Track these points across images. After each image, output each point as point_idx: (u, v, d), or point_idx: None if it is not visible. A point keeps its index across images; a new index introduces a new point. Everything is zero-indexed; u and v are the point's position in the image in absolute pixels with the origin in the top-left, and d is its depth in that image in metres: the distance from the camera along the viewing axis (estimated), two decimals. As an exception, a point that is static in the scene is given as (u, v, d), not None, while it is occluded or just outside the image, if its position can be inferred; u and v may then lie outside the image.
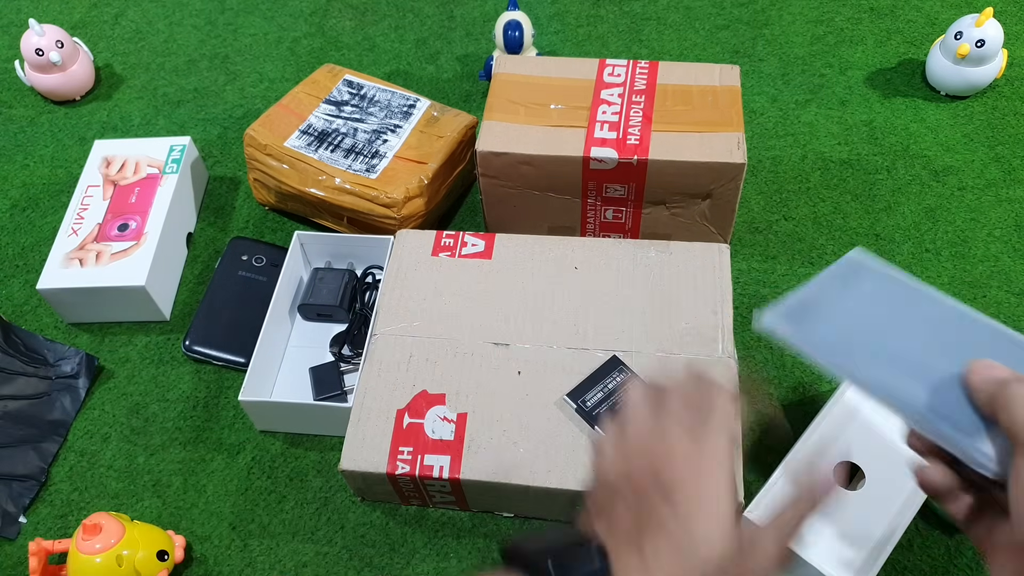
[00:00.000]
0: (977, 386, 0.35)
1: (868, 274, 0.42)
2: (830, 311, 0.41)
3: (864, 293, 0.42)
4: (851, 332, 0.40)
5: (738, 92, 0.71)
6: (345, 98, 0.81)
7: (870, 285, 0.42)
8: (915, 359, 0.38)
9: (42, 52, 0.90)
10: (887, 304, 0.41)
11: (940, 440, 0.35)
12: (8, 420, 0.69)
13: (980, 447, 0.34)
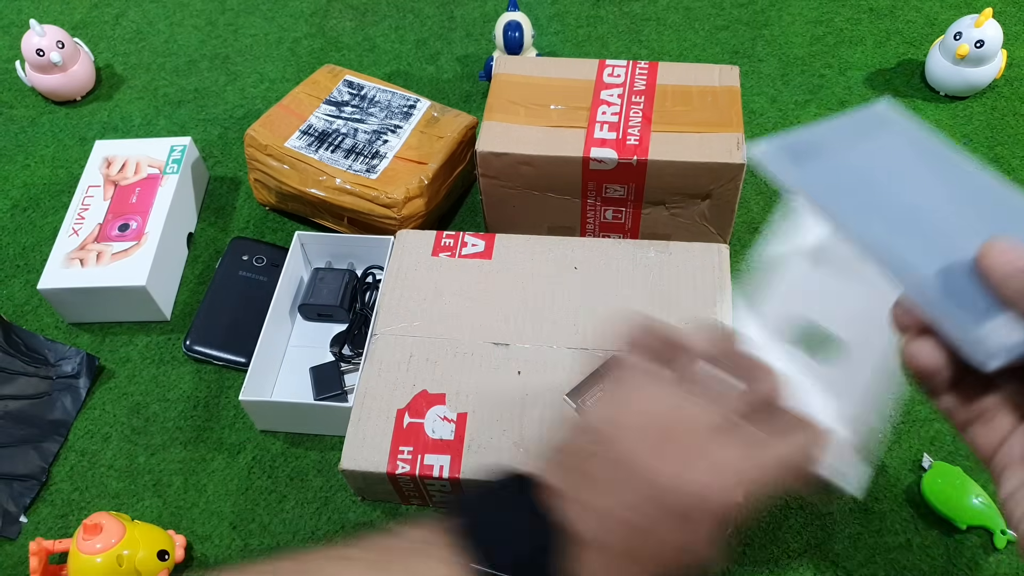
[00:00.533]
0: (1001, 272, 0.29)
1: (893, 128, 0.37)
2: (837, 155, 0.35)
3: (882, 146, 0.36)
4: (856, 181, 0.35)
5: (738, 92, 0.71)
6: (345, 98, 0.81)
7: (892, 139, 0.36)
8: (927, 222, 0.33)
9: (43, 52, 0.90)
10: (906, 160, 0.35)
11: (938, 320, 0.30)
12: (9, 420, 0.69)
13: (984, 335, 0.29)
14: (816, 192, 0.35)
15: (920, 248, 0.32)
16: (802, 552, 0.59)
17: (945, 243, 0.32)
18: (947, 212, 0.33)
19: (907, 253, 0.32)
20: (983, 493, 0.58)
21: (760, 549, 0.59)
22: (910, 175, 0.35)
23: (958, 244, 0.31)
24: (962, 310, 0.30)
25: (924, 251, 0.32)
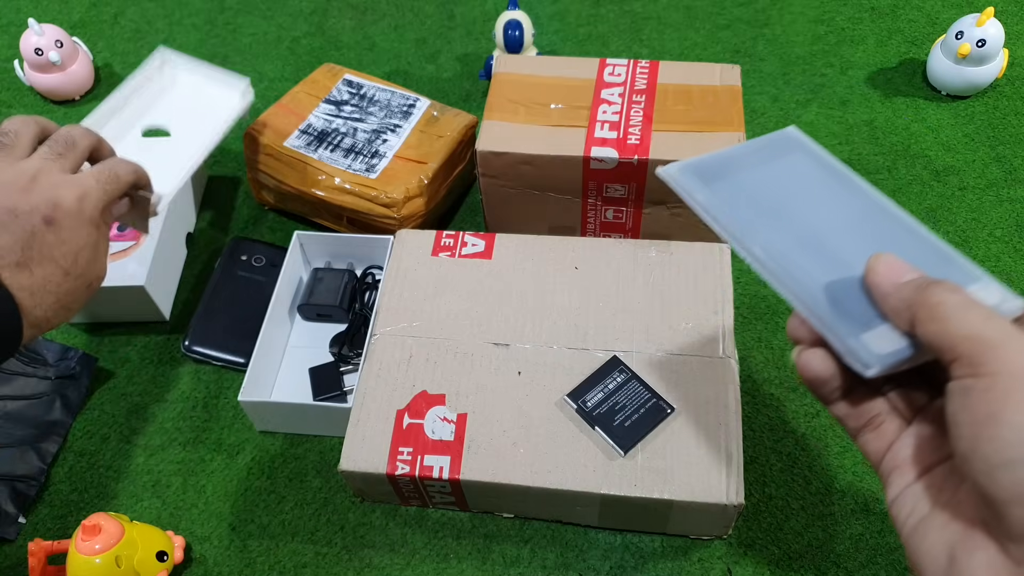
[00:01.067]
0: (885, 289, 0.32)
1: (797, 150, 0.39)
2: (742, 176, 0.38)
3: (785, 167, 0.39)
4: (758, 200, 0.37)
5: (739, 92, 0.70)
6: (345, 98, 0.81)
7: (794, 161, 0.39)
8: (821, 239, 0.35)
9: (41, 52, 0.90)
10: (806, 183, 0.38)
11: (825, 330, 0.33)
12: (7, 420, 0.68)
13: (864, 344, 0.31)
14: (718, 210, 0.37)
15: (812, 264, 0.34)
16: (803, 553, 0.58)
17: (836, 259, 0.34)
18: (840, 230, 0.36)
19: (800, 269, 0.34)
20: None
21: (761, 550, 0.59)
22: (809, 195, 0.38)
23: (848, 260, 0.34)
24: (846, 321, 0.32)
25: (816, 267, 0.34)
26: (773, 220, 0.36)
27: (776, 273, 0.35)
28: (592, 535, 0.60)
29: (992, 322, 0.29)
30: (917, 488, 0.31)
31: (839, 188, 0.38)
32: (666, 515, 0.56)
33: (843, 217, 0.37)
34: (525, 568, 0.59)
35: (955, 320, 0.29)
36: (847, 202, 0.37)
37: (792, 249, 0.35)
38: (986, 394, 0.27)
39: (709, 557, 0.59)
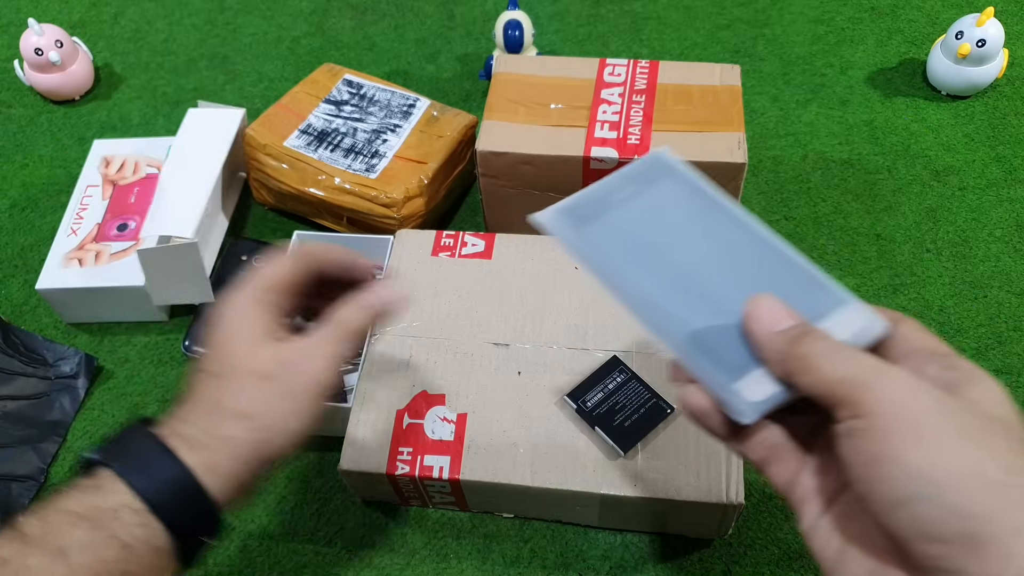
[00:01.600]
0: (760, 339, 0.31)
1: (668, 176, 0.38)
2: (614, 214, 0.37)
3: (658, 197, 0.38)
4: (629, 241, 0.36)
5: (739, 92, 0.70)
6: (345, 97, 0.81)
7: (666, 189, 0.38)
8: (694, 279, 0.34)
9: (41, 52, 0.90)
10: (678, 213, 0.37)
11: (698, 378, 0.32)
12: (7, 420, 0.68)
13: (737, 391, 0.31)
14: (590, 256, 0.36)
15: (686, 308, 0.34)
16: (803, 553, 0.58)
17: (710, 300, 0.34)
18: (714, 264, 0.35)
19: (674, 315, 0.34)
20: (985, 494, 0.58)
21: (761, 550, 0.59)
22: (681, 226, 0.37)
23: (722, 300, 0.33)
24: (720, 370, 0.32)
25: (690, 311, 0.34)
26: (646, 260, 0.35)
27: (652, 321, 0.34)
28: (592, 535, 0.60)
29: (860, 363, 0.29)
30: (827, 520, 0.31)
31: (710, 215, 0.37)
32: (666, 515, 0.56)
33: (716, 248, 0.36)
34: (525, 568, 0.59)
35: (825, 367, 0.29)
36: (719, 230, 0.36)
37: (666, 292, 0.34)
38: (868, 434, 0.27)
39: (709, 557, 0.59)
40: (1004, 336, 0.68)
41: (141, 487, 0.36)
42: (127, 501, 0.36)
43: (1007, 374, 0.66)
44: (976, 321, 0.70)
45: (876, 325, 0.32)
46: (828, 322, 0.32)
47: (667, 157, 0.39)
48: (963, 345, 0.68)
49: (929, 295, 0.71)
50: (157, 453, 0.37)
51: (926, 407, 0.27)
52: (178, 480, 0.37)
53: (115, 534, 0.35)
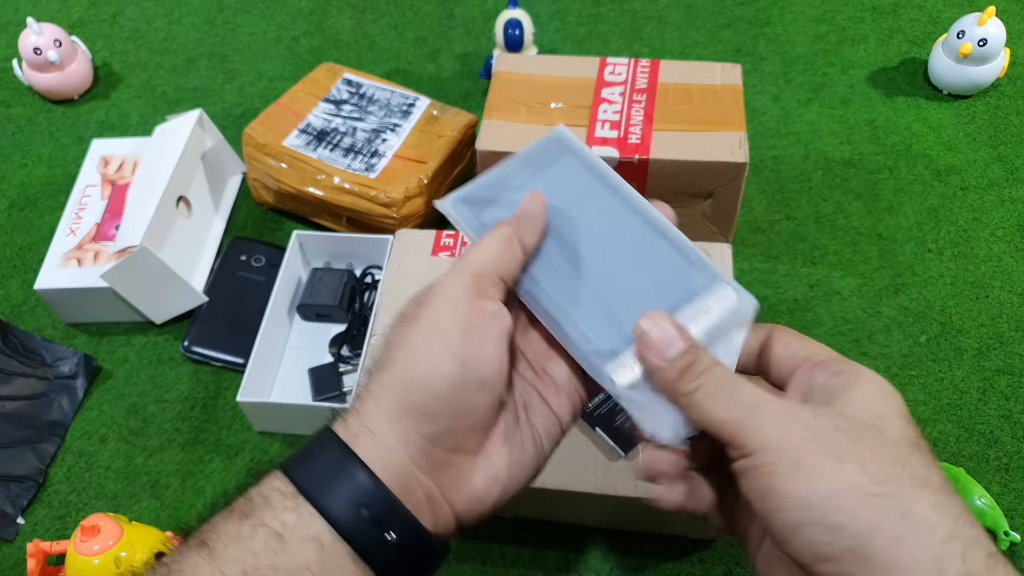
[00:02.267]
0: (651, 366, 0.31)
1: (565, 154, 0.38)
2: (512, 197, 0.37)
3: (554, 177, 0.37)
4: None
5: (740, 91, 0.70)
6: (344, 97, 0.80)
7: (562, 168, 0.38)
8: (585, 274, 0.35)
9: (40, 51, 0.89)
10: (569, 194, 0.37)
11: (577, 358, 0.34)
12: (6, 421, 0.68)
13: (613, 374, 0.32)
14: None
15: (582, 313, 0.34)
16: (805, 554, 0.58)
17: (603, 301, 0.34)
18: (604, 254, 0.35)
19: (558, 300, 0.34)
20: (986, 495, 0.58)
21: (762, 551, 0.59)
22: (573, 212, 0.36)
23: (616, 303, 0.34)
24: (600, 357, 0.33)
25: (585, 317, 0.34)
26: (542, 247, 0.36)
27: (539, 308, 0.34)
28: (592, 536, 0.60)
29: (738, 401, 0.29)
30: (760, 561, 0.32)
31: (599, 195, 0.37)
32: (667, 515, 0.56)
33: (604, 231, 0.36)
34: (525, 569, 0.59)
35: (709, 408, 0.30)
36: (606, 211, 0.36)
37: (562, 293, 0.34)
38: (754, 472, 0.28)
39: (709, 558, 0.59)
40: (1006, 336, 0.68)
41: (290, 467, 0.30)
42: (278, 484, 0.30)
43: (1008, 374, 0.66)
44: (978, 321, 0.69)
45: (747, 302, 0.33)
46: (705, 302, 0.33)
47: (562, 135, 0.39)
48: (964, 345, 0.68)
49: (931, 295, 0.71)
50: (319, 435, 0.31)
51: (800, 437, 0.28)
52: (328, 452, 0.30)
53: (264, 521, 0.29)
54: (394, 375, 0.31)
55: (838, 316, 0.70)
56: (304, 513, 0.29)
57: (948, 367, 0.67)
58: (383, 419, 0.30)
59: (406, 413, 0.30)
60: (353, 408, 0.31)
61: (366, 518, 0.29)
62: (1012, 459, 0.62)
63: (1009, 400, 0.65)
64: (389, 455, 0.30)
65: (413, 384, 0.30)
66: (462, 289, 0.32)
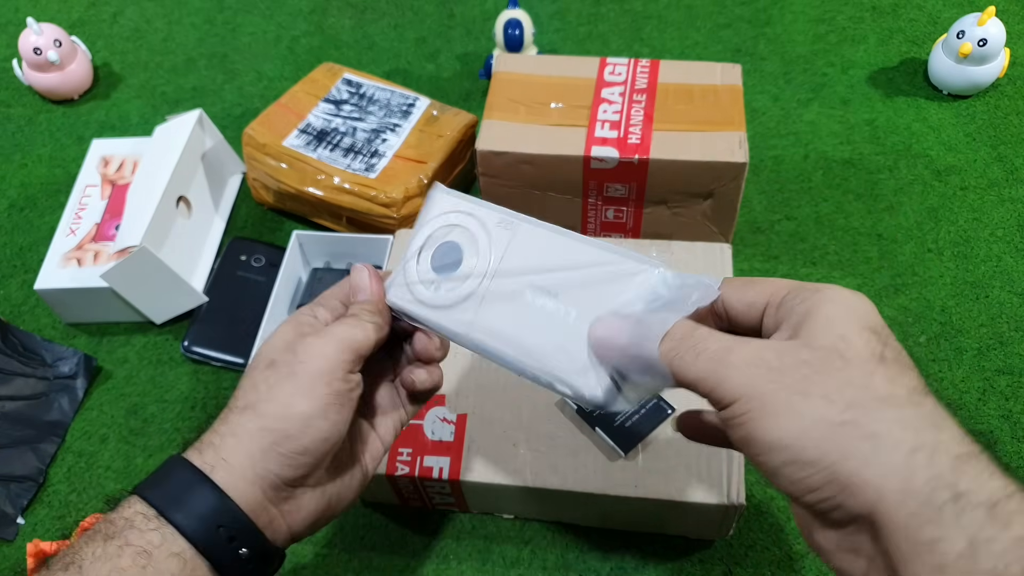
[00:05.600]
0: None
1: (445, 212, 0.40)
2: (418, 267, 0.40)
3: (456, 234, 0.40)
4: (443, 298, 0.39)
5: (740, 91, 0.70)
6: (344, 97, 0.80)
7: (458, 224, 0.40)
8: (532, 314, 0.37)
9: (40, 51, 0.89)
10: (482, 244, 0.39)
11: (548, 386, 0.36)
12: (6, 421, 0.68)
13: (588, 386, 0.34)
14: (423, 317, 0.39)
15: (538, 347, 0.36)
16: (804, 554, 0.58)
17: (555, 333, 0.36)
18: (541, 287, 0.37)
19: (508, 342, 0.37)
20: (987, 495, 0.58)
21: (763, 551, 0.59)
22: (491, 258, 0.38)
23: (565, 326, 0.35)
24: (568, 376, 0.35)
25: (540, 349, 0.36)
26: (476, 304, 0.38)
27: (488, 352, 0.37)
28: (592, 536, 0.60)
29: (705, 354, 0.31)
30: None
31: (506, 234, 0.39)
32: (666, 516, 0.56)
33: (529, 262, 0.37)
34: (525, 569, 0.59)
35: (679, 369, 0.31)
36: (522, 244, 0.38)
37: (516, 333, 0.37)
38: (734, 421, 0.30)
39: (710, 558, 0.59)
40: (1006, 336, 0.68)
41: (148, 493, 0.35)
42: (140, 509, 0.34)
43: (1008, 374, 0.66)
44: (978, 321, 0.69)
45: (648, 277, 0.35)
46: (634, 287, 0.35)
47: (437, 193, 0.41)
48: (964, 345, 0.68)
49: (930, 295, 0.71)
50: (173, 463, 0.36)
51: (766, 379, 0.29)
52: (185, 482, 0.35)
53: (129, 541, 0.33)
54: (262, 424, 0.35)
55: (838, 316, 0.70)
56: (167, 533, 0.33)
57: (948, 367, 0.67)
58: (244, 458, 0.35)
59: (270, 459, 0.35)
60: (209, 442, 0.36)
61: (223, 536, 0.34)
62: (1012, 459, 0.62)
63: (1009, 400, 0.65)
64: (244, 486, 0.35)
65: (282, 436, 0.35)
66: (340, 364, 0.36)
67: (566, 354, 0.35)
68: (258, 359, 0.37)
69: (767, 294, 0.32)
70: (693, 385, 0.31)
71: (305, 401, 0.35)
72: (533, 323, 0.36)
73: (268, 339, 0.38)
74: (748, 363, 0.29)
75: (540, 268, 0.37)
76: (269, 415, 0.35)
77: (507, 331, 0.37)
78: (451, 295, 0.38)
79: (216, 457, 0.35)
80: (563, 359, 0.35)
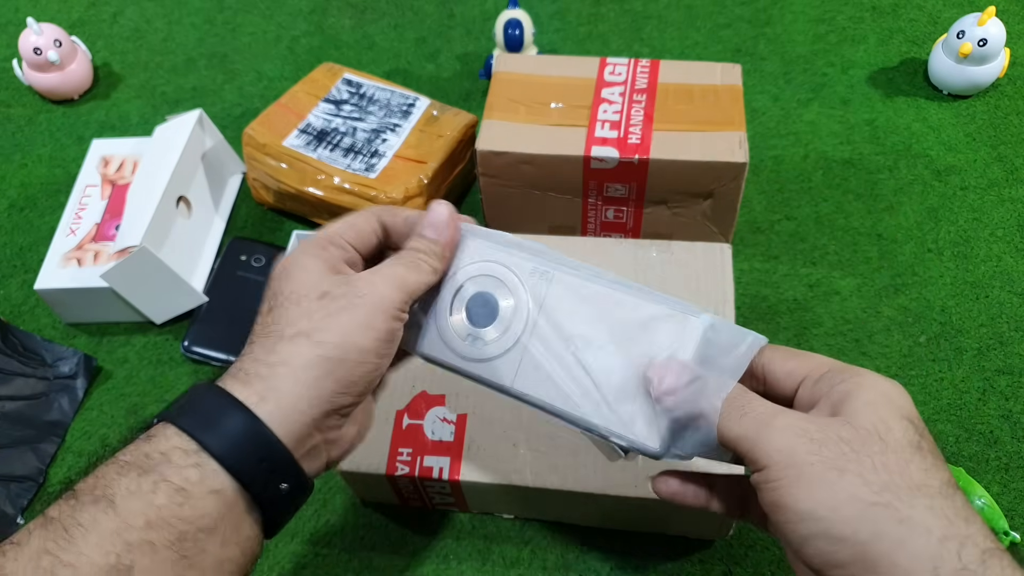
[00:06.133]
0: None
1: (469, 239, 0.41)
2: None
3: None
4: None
5: (740, 91, 0.70)
6: (344, 97, 0.80)
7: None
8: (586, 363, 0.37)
9: (40, 51, 0.89)
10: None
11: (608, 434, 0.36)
12: (6, 421, 0.68)
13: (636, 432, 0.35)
14: (429, 352, 0.42)
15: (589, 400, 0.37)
16: (805, 554, 0.58)
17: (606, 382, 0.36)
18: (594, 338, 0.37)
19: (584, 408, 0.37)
20: (986, 495, 0.58)
21: (762, 551, 0.59)
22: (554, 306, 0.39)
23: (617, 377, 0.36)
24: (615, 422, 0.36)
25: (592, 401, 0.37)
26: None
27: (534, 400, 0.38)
28: (592, 536, 0.60)
29: (749, 416, 0.32)
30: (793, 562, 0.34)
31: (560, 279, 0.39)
32: (666, 516, 0.56)
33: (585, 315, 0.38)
34: (525, 569, 0.59)
35: (724, 426, 0.32)
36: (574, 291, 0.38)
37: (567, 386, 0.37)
38: (768, 485, 0.30)
39: (709, 558, 0.59)
40: (1006, 336, 0.68)
41: (187, 425, 0.33)
42: (177, 443, 0.33)
43: (1008, 375, 0.66)
44: (977, 321, 0.69)
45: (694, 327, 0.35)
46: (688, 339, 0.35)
47: (468, 239, 0.41)
48: (964, 345, 0.68)
49: (930, 295, 0.71)
50: (208, 393, 0.34)
51: (805, 450, 0.30)
52: (227, 413, 0.33)
53: (166, 477, 0.32)
54: (321, 352, 0.34)
55: (838, 316, 0.70)
56: (208, 469, 0.32)
57: (948, 367, 0.67)
58: (300, 387, 0.34)
59: (326, 388, 0.34)
60: (256, 373, 0.34)
61: (266, 470, 0.33)
62: (1012, 459, 0.62)
63: (1009, 400, 0.65)
64: (294, 416, 0.34)
65: (340, 366, 0.35)
66: (397, 303, 0.37)
67: (618, 403, 0.35)
68: (298, 288, 0.36)
69: (808, 368, 0.34)
70: (734, 443, 0.32)
71: (365, 333, 0.35)
72: (578, 373, 0.37)
73: (286, 270, 0.37)
74: (790, 430, 0.31)
75: (581, 318, 0.37)
76: (328, 343, 0.34)
77: (552, 382, 0.37)
78: (490, 349, 0.39)
79: (266, 387, 0.34)
80: (615, 408, 0.36)
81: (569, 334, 0.37)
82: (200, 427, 0.33)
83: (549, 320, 0.38)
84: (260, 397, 0.34)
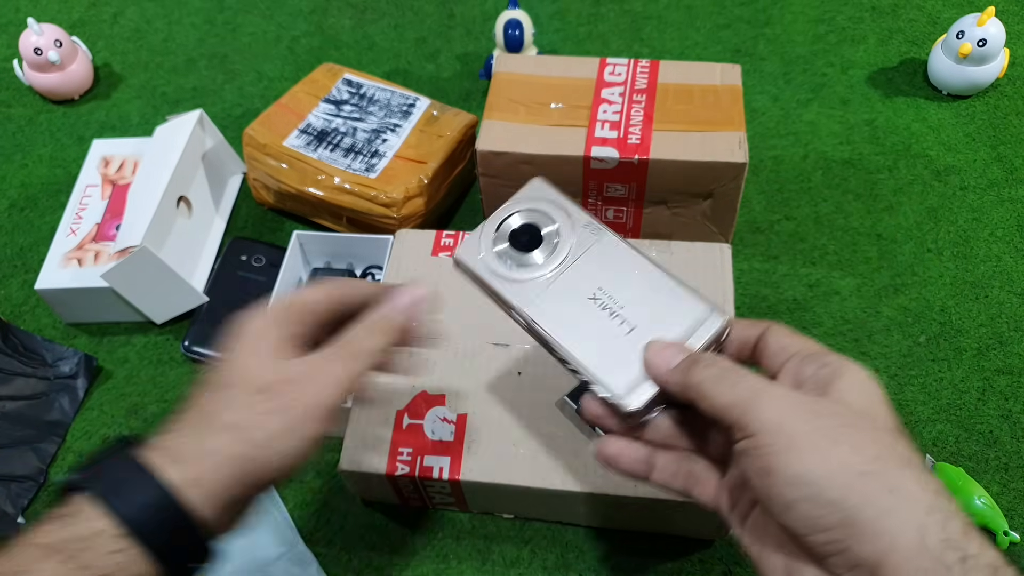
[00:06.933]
0: (665, 378, 0.36)
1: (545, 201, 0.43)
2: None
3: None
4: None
5: (739, 91, 0.70)
6: (344, 97, 0.81)
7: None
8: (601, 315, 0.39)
9: (40, 51, 0.89)
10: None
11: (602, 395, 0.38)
12: (6, 421, 0.68)
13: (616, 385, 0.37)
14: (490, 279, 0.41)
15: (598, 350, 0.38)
16: (804, 554, 0.58)
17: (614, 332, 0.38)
18: (613, 296, 0.39)
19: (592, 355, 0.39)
20: (985, 494, 0.58)
21: (762, 551, 0.59)
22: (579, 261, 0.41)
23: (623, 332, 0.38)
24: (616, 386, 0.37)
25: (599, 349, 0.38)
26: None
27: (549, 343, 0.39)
28: (592, 535, 0.60)
29: (742, 387, 0.33)
30: (748, 526, 0.35)
31: (594, 243, 0.41)
32: (666, 515, 0.56)
33: (608, 276, 0.40)
34: (525, 569, 0.59)
35: (715, 394, 0.33)
36: (605, 255, 0.41)
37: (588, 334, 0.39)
38: (756, 451, 0.31)
39: (709, 557, 0.59)
40: (1005, 336, 0.68)
41: (118, 508, 0.33)
42: (102, 526, 0.33)
43: (1008, 374, 0.66)
44: (977, 321, 0.69)
45: (715, 322, 0.38)
46: (691, 322, 0.38)
47: (537, 181, 0.44)
48: (964, 345, 0.68)
49: (930, 295, 0.71)
50: (135, 471, 0.34)
51: (798, 419, 0.31)
52: (157, 498, 0.34)
53: (89, 564, 0.32)
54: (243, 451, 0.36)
55: (837, 316, 0.71)
56: (132, 554, 0.33)
57: (948, 367, 0.67)
58: (221, 477, 0.35)
59: (246, 478, 0.36)
60: (184, 454, 0.35)
61: (184, 553, 0.35)
62: (1012, 459, 0.62)
63: (1009, 400, 0.65)
64: (215, 502, 0.35)
65: (261, 466, 0.36)
66: (326, 409, 0.37)
67: (615, 361, 0.37)
68: (240, 376, 0.37)
69: (801, 346, 0.35)
70: (723, 411, 0.33)
71: (290, 439, 0.37)
72: (590, 323, 0.38)
73: (234, 352, 0.38)
74: (783, 401, 0.32)
75: (613, 278, 0.39)
76: (253, 441, 0.36)
77: (563, 320, 0.39)
78: (519, 272, 0.41)
79: (196, 473, 0.35)
80: (611, 364, 0.37)
81: (598, 286, 0.39)
82: (124, 507, 0.33)
83: (585, 267, 0.40)
84: (188, 483, 0.35)
